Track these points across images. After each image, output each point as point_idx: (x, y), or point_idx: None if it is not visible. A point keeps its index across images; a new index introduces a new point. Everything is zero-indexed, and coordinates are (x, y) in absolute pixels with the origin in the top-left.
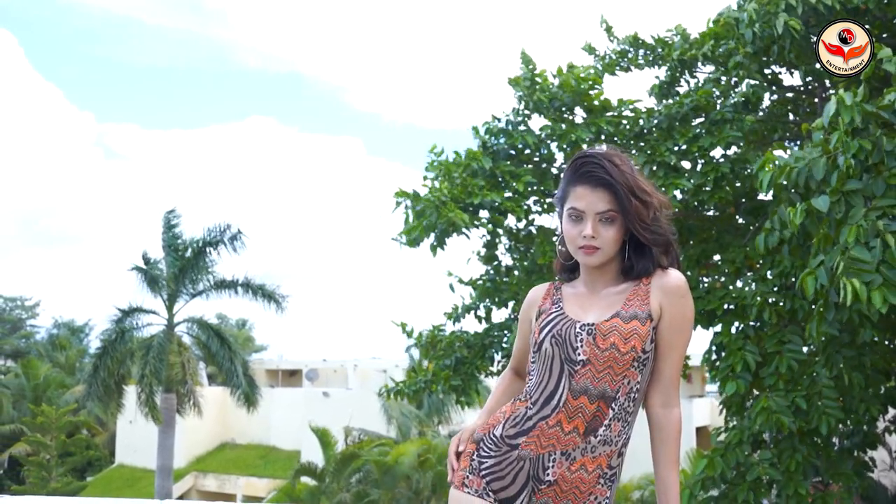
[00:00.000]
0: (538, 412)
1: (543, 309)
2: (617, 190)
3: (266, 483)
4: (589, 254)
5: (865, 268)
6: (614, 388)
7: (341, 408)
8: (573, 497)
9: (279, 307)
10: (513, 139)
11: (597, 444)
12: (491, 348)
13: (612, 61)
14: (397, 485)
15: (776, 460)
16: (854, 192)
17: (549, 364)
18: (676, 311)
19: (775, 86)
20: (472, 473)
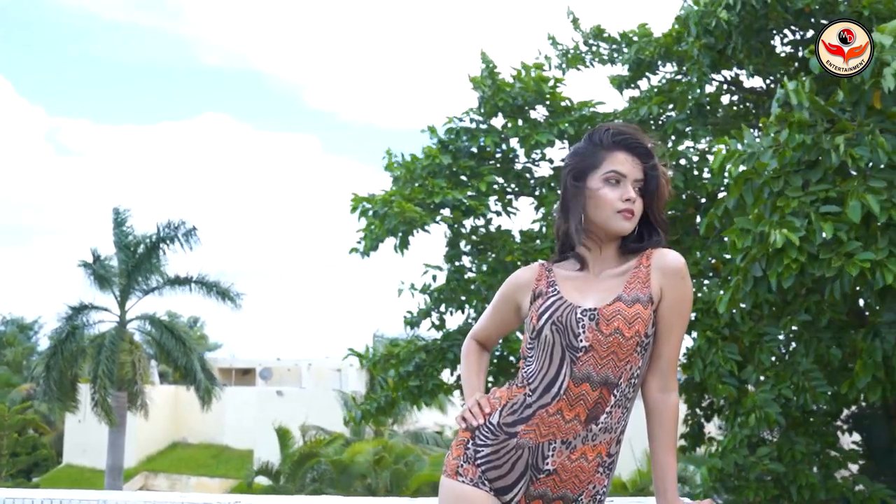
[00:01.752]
0: (538, 400)
1: (539, 291)
2: (653, 163)
3: (219, 483)
4: (628, 218)
5: (795, 227)
6: (617, 374)
7: (295, 407)
8: (572, 486)
9: (234, 305)
10: (475, 138)
11: (598, 432)
12: (450, 351)
13: (575, 56)
14: (353, 484)
15: (777, 454)
16: (794, 173)
17: (550, 351)
18: (677, 293)
19: (735, 87)
20: (466, 462)
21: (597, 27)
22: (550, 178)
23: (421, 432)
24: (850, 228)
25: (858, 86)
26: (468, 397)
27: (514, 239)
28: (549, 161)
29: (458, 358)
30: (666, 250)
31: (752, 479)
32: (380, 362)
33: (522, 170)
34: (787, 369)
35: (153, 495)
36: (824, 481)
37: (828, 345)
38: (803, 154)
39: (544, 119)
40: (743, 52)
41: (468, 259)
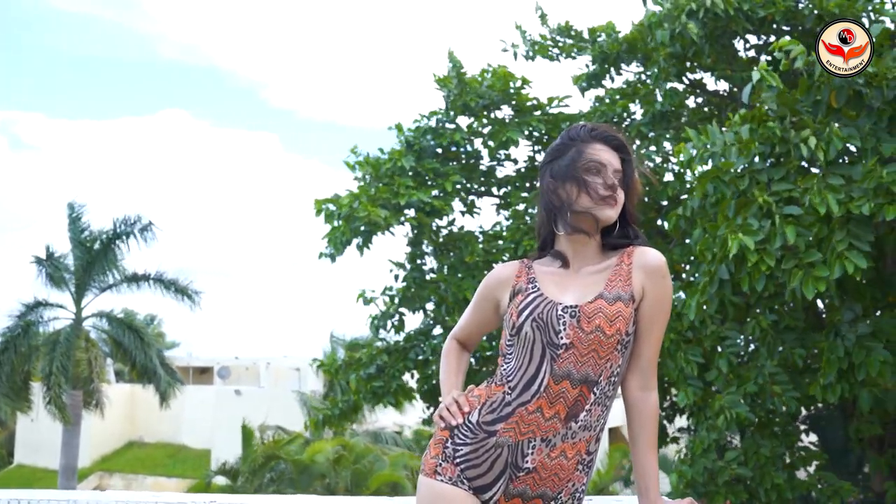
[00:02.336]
0: (517, 398)
1: (519, 288)
2: (628, 157)
3: (175, 483)
4: (612, 206)
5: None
6: (597, 371)
7: (254, 406)
8: (551, 484)
9: (192, 303)
10: (441, 138)
11: (577, 430)
12: (412, 352)
13: (542, 46)
14: (313, 484)
15: (744, 458)
16: (759, 171)
17: (530, 348)
18: (659, 292)
19: (699, 89)
20: (445, 461)
21: (565, 23)
22: (514, 178)
23: (380, 432)
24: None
25: (817, 86)
26: (445, 395)
27: (477, 238)
28: (513, 161)
29: (419, 360)
30: (647, 248)
31: (722, 484)
32: (341, 369)
33: (487, 170)
34: (749, 371)
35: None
36: (790, 481)
37: (791, 346)
38: (770, 147)
39: (511, 118)
40: (709, 56)
41: (430, 258)
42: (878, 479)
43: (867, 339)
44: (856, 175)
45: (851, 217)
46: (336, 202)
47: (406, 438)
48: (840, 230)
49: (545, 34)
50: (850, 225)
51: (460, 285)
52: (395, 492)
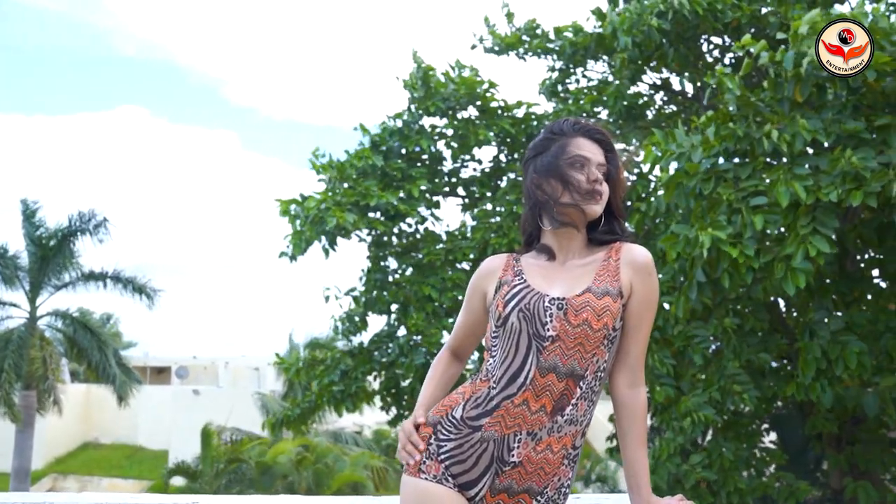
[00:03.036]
0: (502, 391)
1: (505, 280)
2: (613, 151)
3: (132, 484)
4: (597, 200)
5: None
6: (583, 366)
7: (212, 406)
8: (537, 478)
9: (150, 302)
10: (407, 140)
11: (563, 424)
12: (377, 352)
13: (507, 42)
14: (274, 484)
15: (708, 462)
16: (725, 171)
17: (516, 339)
18: (647, 289)
19: (664, 89)
20: (429, 458)
21: (531, 21)
22: (479, 178)
23: (340, 432)
24: (780, 217)
25: (781, 82)
26: (416, 409)
27: (440, 238)
28: (477, 161)
29: (384, 362)
30: (634, 245)
31: (688, 488)
32: (303, 369)
33: (451, 171)
34: (714, 373)
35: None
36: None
37: (756, 349)
38: (733, 145)
39: (478, 119)
40: (672, 58)
41: (393, 259)
42: (835, 476)
43: (841, 334)
44: (823, 165)
45: (818, 205)
46: (302, 204)
47: (366, 438)
48: (805, 217)
49: (511, 32)
50: (816, 212)
51: (422, 283)
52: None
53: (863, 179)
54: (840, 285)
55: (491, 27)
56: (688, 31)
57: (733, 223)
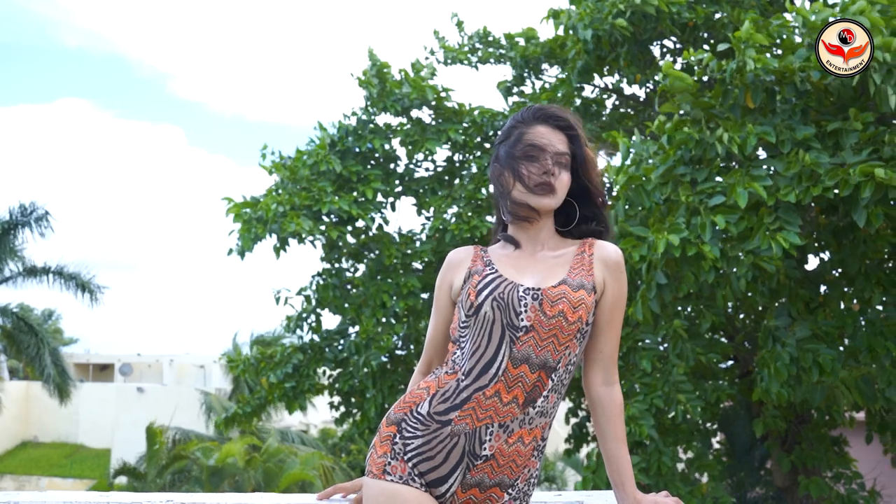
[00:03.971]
0: (473, 383)
1: (475, 270)
2: (575, 136)
3: (72, 483)
4: (546, 192)
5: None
6: (556, 357)
7: (156, 404)
8: (509, 471)
9: (93, 298)
10: (361, 139)
11: (534, 416)
12: (328, 349)
13: (460, 53)
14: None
15: (645, 465)
16: (682, 175)
17: (489, 329)
18: (619, 287)
19: (616, 93)
20: (394, 459)
21: (483, 29)
22: (432, 178)
23: (287, 431)
24: (739, 218)
25: (730, 89)
26: None
27: (393, 239)
28: (432, 162)
29: (337, 357)
30: (607, 243)
31: None
32: (253, 366)
33: (405, 171)
34: (659, 379)
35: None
36: (690, 490)
37: (703, 350)
38: (688, 151)
39: (432, 122)
40: (625, 60)
41: (345, 260)
42: (779, 474)
43: (808, 342)
44: (779, 168)
45: (779, 205)
46: (254, 206)
47: (312, 437)
48: (769, 215)
49: (463, 41)
50: (779, 212)
51: (379, 288)
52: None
53: (818, 177)
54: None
55: (441, 39)
56: (646, 31)
57: (692, 225)
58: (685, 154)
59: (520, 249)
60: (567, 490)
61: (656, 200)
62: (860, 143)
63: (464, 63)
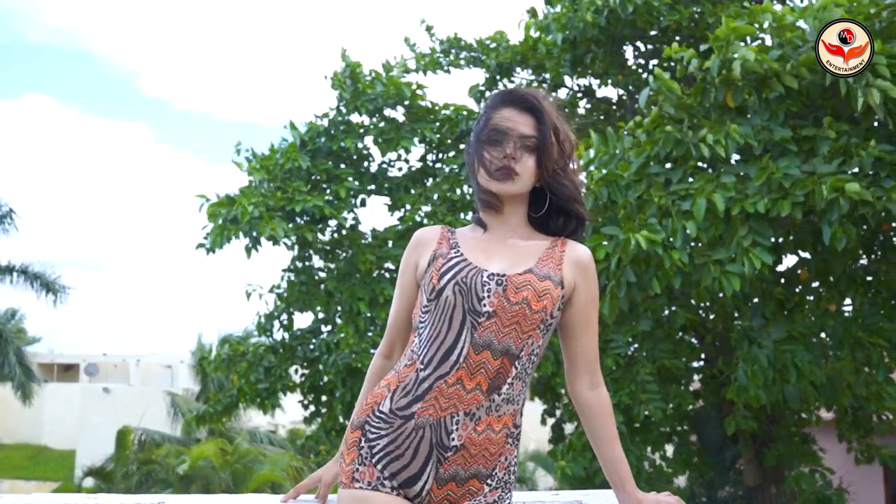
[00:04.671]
0: (434, 371)
1: (440, 252)
2: (542, 118)
3: (35, 485)
4: (505, 178)
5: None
6: (519, 345)
7: (123, 404)
8: (483, 461)
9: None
10: (334, 139)
11: (501, 403)
12: (300, 350)
13: (432, 59)
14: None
15: None
16: (656, 174)
17: (450, 314)
18: (591, 289)
19: (588, 96)
20: (361, 464)
21: (454, 36)
22: (405, 177)
23: (255, 431)
24: (710, 226)
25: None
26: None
27: (367, 238)
28: (405, 161)
29: (308, 355)
30: (579, 244)
31: (599, 484)
32: (224, 363)
33: (378, 171)
34: (626, 376)
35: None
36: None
37: (667, 356)
38: (667, 149)
39: (405, 120)
40: (602, 60)
41: (317, 259)
42: (750, 473)
43: (784, 343)
44: (752, 173)
45: (750, 215)
46: (229, 206)
47: (281, 438)
48: (742, 227)
49: (434, 47)
50: (751, 222)
51: (352, 292)
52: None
53: (787, 188)
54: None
55: (412, 45)
56: (623, 30)
57: (664, 227)
58: (661, 152)
59: (489, 233)
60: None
61: (630, 198)
62: (832, 152)
63: (435, 71)
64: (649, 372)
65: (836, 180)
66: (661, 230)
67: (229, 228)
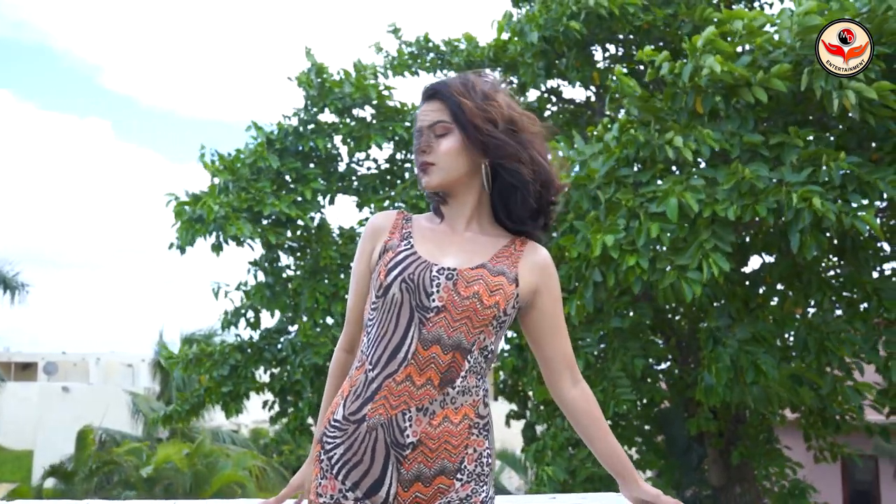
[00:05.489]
0: (382, 370)
1: (391, 245)
2: (443, 95)
3: None
4: (423, 173)
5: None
6: (470, 340)
7: (82, 404)
8: (447, 455)
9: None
10: (302, 139)
11: (456, 395)
12: (267, 351)
13: (401, 62)
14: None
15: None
16: (625, 177)
17: (397, 312)
18: (554, 289)
19: (556, 97)
20: (323, 478)
21: (424, 37)
22: (374, 177)
23: (217, 430)
24: (675, 228)
25: (679, 93)
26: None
27: (333, 235)
28: (373, 160)
29: (276, 356)
30: (537, 245)
31: (581, 481)
32: (192, 363)
33: (346, 170)
34: (598, 375)
35: None
36: None
37: (634, 354)
38: (634, 152)
39: (374, 119)
40: (576, 60)
41: (285, 257)
42: (715, 473)
43: (748, 344)
44: (720, 177)
45: (716, 218)
46: (194, 206)
47: (243, 437)
48: (705, 230)
49: (402, 50)
50: (715, 226)
51: (316, 289)
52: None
53: (758, 193)
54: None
55: (379, 50)
56: (600, 33)
57: (630, 228)
58: (630, 155)
59: (445, 224)
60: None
61: (599, 201)
62: (801, 160)
63: (405, 75)
64: (620, 368)
65: (805, 191)
66: (625, 233)
67: (196, 228)
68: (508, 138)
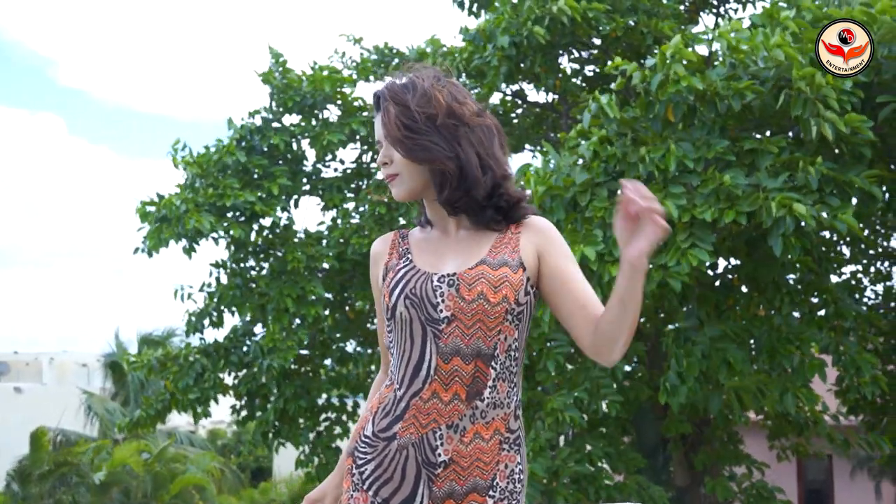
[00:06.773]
0: (408, 389)
1: (391, 265)
2: (382, 106)
3: None
4: (390, 182)
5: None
6: (490, 344)
7: (35, 404)
8: (479, 472)
9: None
10: (266, 137)
11: (486, 409)
12: (234, 354)
13: (364, 68)
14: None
15: (579, 457)
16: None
17: (409, 329)
18: (559, 248)
19: (521, 100)
20: (355, 490)
21: (385, 45)
22: (339, 178)
23: (174, 431)
24: None
25: (652, 101)
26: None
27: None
28: (340, 162)
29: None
30: (533, 218)
31: (564, 483)
32: (154, 368)
33: (312, 171)
34: (579, 374)
35: None
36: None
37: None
38: (613, 166)
39: (336, 118)
40: (542, 66)
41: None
42: (680, 474)
43: (718, 341)
44: (695, 183)
45: (694, 222)
46: (158, 205)
47: (201, 438)
48: (682, 233)
49: (366, 57)
50: (693, 228)
51: (282, 292)
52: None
53: (735, 199)
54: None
55: (341, 56)
56: (563, 38)
57: (607, 238)
58: (608, 168)
59: (437, 229)
60: None
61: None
62: (776, 166)
63: (368, 79)
64: (602, 368)
65: (784, 198)
66: (603, 244)
67: (165, 231)
68: (443, 133)
